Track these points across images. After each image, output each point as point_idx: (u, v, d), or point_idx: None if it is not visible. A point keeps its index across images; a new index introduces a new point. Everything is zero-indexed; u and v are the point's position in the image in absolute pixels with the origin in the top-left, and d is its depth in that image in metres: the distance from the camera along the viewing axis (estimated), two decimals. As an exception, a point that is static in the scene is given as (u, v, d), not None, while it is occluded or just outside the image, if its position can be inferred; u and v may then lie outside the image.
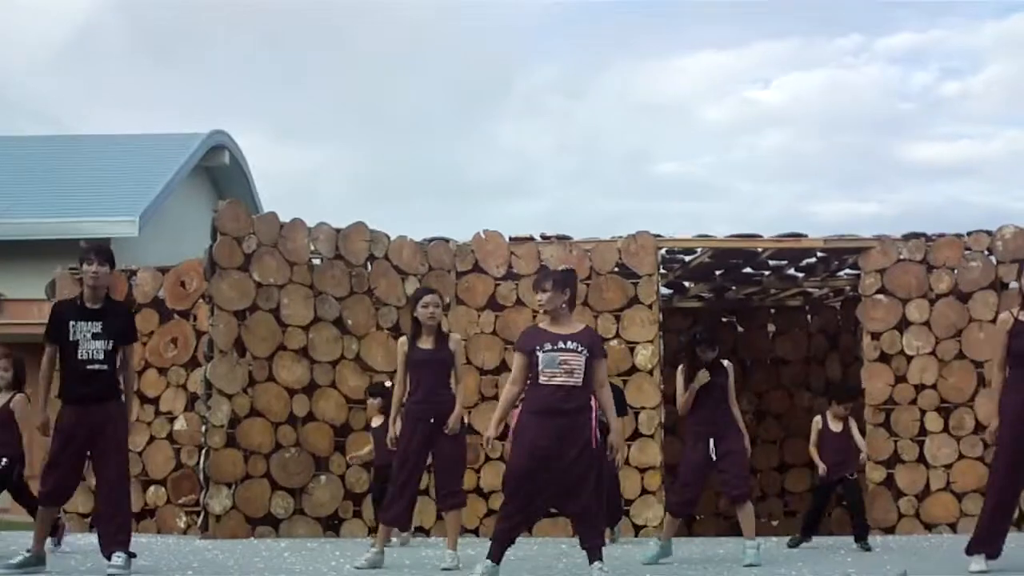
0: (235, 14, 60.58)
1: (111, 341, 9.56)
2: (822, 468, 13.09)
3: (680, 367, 11.36)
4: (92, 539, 9.74)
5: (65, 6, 55.04)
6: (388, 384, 14.03)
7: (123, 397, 9.80)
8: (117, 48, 61.70)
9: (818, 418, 13.31)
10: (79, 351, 9.50)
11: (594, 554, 8.92)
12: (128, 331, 9.85)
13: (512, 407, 9.11)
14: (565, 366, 8.76)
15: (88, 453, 9.58)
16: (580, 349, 8.81)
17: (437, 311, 10.47)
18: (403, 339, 10.76)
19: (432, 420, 10.25)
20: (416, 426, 10.32)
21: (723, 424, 11.09)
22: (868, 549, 12.50)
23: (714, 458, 10.98)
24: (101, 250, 9.79)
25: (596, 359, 8.92)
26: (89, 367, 9.50)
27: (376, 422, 13.59)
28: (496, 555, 8.92)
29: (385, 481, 13.36)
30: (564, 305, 9.01)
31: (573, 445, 8.69)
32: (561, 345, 8.80)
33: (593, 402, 8.88)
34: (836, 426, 13.09)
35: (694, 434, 11.18)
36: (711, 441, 10.98)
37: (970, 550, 9.75)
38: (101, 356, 9.52)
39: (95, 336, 9.52)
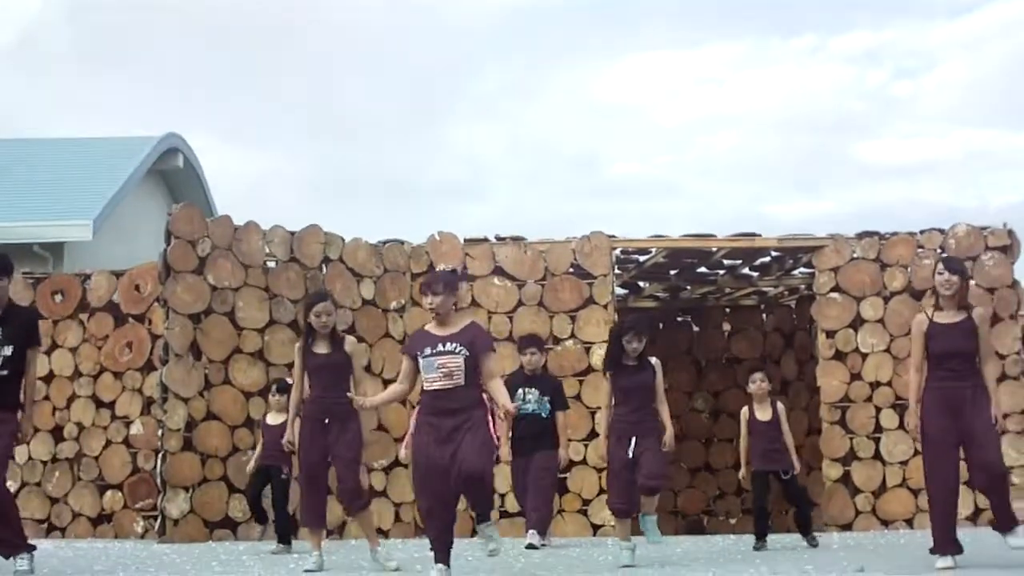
0: (183, 16, 60.31)
1: (11, 347, 9.68)
2: (742, 473, 13.02)
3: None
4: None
5: (7, 7, 54.54)
6: (290, 381, 13.84)
7: (18, 405, 9.87)
8: (63, 50, 61.28)
9: (744, 409, 12.91)
10: None
11: (482, 517, 8.93)
12: (26, 334, 9.87)
13: (393, 399, 9.71)
14: (443, 369, 8.77)
15: None
16: (458, 350, 8.81)
17: (329, 319, 10.62)
18: (299, 344, 10.90)
19: (327, 421, 10.41)
20: (312, 427, 10.51)
21: (646, 425, 10.87)
22: (815, 544, 12.50)
23: (630, 455, 10.75)
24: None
25: (481, 354, 8.89)
26: None
27: (273, 419, 13.07)
28: (443, 558, 8.95)
29: (265, 481, 13.18)
30: (453, 307, 9.10)
31: (458, 439, 8.69)
32: (440, 348, 8.81)
33: (486, 399, 8.94)
34: (763, 414, 12.73)
35: (617, 432, 10.96)
36: (632, 440, 10.76)
37: (933, 551, 9.86)
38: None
39: None
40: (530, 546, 12.52)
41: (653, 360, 11.05)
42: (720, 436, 20.04)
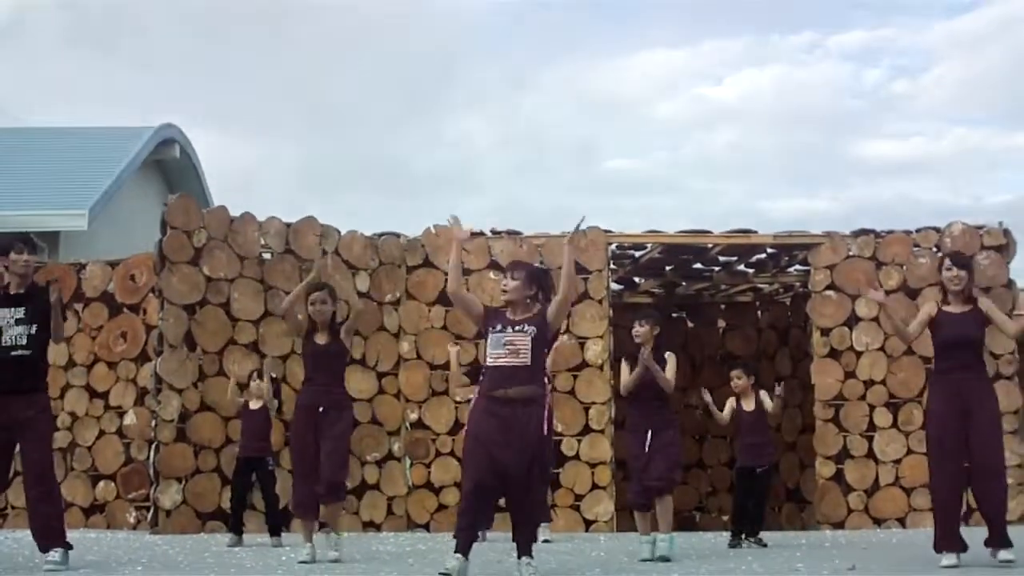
0: (177, 3, 60.20)
1: (35, 326, 9.56)
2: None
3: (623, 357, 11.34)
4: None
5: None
6: (275, 376, 13.83)
7: (47, 387, 9.87)
8: (54, 36, 61.08)
9: (731, 400, 12.69)
10: (2, 338, 9.49)
11: (523, 548, 8.92)
12: (48, 315, 9.66)
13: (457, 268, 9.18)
14: (511, 346, 8.78)
15: (15, 444, 9.61)
16: (527, 329, 8.85)
17: (324, 307, 10.62)
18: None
19: (320, 409, 10.43)
20: (307, 416, 10.50)
21: (661, 419, 10.93)
22: (764, 545, 12.35)
23: (647, 450, 10.83)
24: (29, 240, 9.95)
25: (547, 329, 9.03)
26: (12, 353, 9.47)
27: (255, 404, 13.08)
28: (464, 548, 8.86)
29: (250, 479, 13.15)
30: (528, 300, 9.03)
31: (520, 434, 8.70)
32: (511, 330, 8.84)
33: (547, 389, 8.94)
34: (748, 404, 12.59)
35: (633, 427, 11.05)
36: (648, 434, 10.84)
37: (937, 548, 9.83)
38: (24, 341, 9.50)
39: (18, 322, 9.52)
40: (546, 541, 12.48)
41: (667, 355, 11.05)
42: (714, 433, 20.02)
